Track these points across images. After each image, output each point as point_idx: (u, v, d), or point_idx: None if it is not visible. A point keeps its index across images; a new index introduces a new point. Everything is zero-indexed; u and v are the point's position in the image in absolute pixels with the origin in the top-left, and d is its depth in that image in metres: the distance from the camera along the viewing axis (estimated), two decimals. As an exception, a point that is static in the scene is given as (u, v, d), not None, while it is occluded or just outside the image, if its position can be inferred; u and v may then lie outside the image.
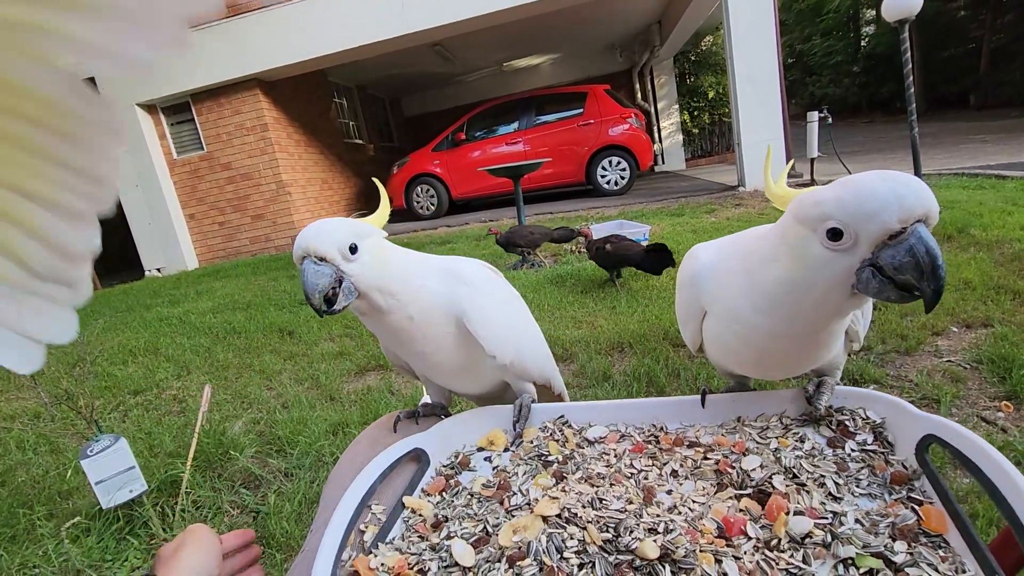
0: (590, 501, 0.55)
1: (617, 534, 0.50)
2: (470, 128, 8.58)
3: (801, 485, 0.55)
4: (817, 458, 0.59)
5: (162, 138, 7.89)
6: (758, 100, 6.35)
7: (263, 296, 4.78)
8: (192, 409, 2.66)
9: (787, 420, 0.68)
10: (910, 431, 0.58)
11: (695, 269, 0.72)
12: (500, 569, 0.48)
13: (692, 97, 12.63)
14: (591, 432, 0.72)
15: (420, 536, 0.57)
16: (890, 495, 0.53)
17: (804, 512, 0.51)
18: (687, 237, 4.56)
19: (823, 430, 0.65)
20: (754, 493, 0.56)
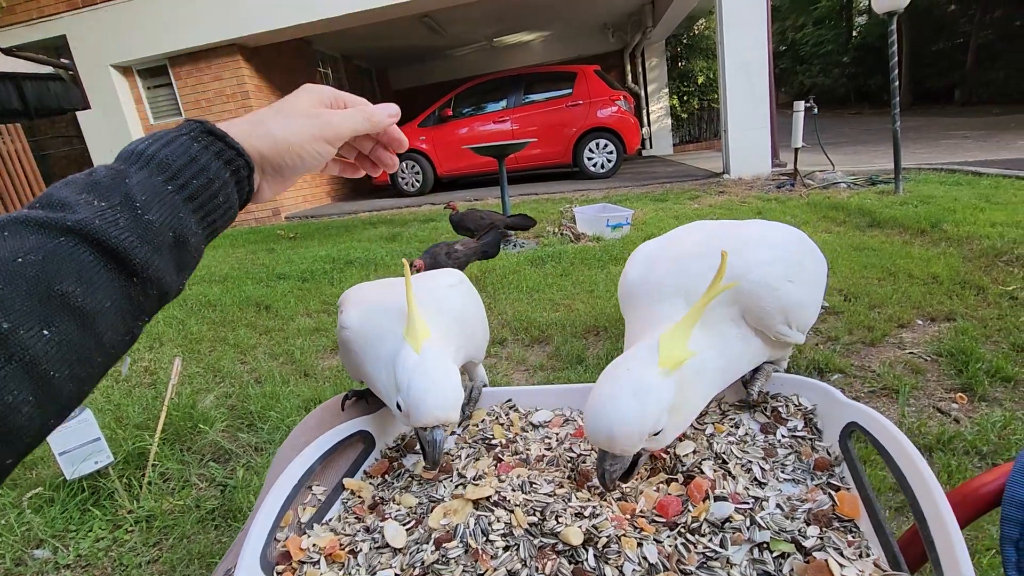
0: (520, 484, 0.56)
1: (543, 517, 0.51)
2: (457, 104, 8.45)
3: (728, 471, 0.57)
4: (748, 444, 0.61)
5: (138, 102, 7.65)
6: (747, 87, 6.35)
7: (240, 269, 4.71)
8: (163, 382, 2.64)
9: (725, 406, 0.70)
10: (837, 417, 0.60)
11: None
12: (427, 551, 0.49)
13: (683, 81, 12.56)
14: (536, 416, 0.73)
15: (357, 517, 0.57)
16: (812, 480, 0.55)
17: (728, 497, 0.53)
18: (669, 223, 4.58)
19: (759, 416, 0.66)
20: (683, 479, 0.57)
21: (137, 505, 1.79)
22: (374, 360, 0.67)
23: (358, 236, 5.71)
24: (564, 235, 4.66)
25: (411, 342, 0.61)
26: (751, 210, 4.86)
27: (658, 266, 0.69)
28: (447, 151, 8.30)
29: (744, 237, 0.68)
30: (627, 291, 0.72)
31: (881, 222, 3.95)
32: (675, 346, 0.56)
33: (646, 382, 0.54)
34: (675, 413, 0.56)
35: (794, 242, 0.69)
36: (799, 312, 0.64)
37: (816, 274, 0.71)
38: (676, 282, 0.64)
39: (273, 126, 0.45)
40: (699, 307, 0.56)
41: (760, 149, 6.55)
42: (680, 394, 0.56)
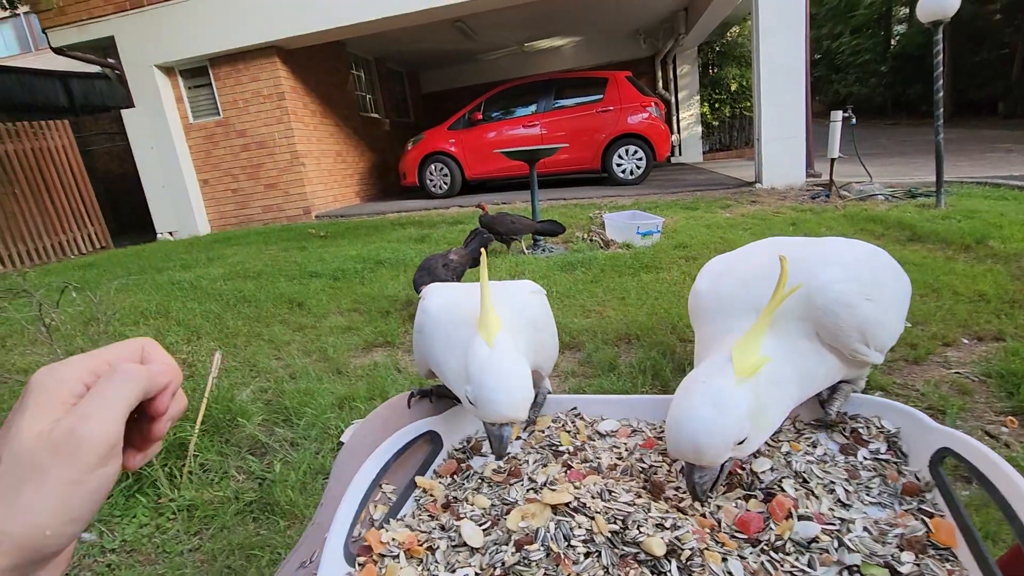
0: (599, 492, 0.56)
1: (625, 526, 0.51)
2: (487, 108, 8.50)
3: (811, 491, 0.56)
4: (828, 464, 0.60)
5: (179, 101, 7.88)
6: (781, 95, 6.24)
7: (274, 266, 4.81)
8: (201, 374, 2.70)
9: (800, 424, 0.68)
10: (925, 443, 0.58)
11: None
12: (507, 552, 0.49)
13: (714, 89, 12.42)
14: (603, 425, 0.73)
15: (430, 515, 0.58)
16: (900, 505, 0.54)
17: (812, 517, 0.52)
18: (700, 232, 4.53)
19: (836, 436, 0.65)
20: (763, 495, 0.56)
21: (178, 494, 1.83)
22: (445, 344, 0.68)
23: (387, 236, 5.78)
24: (594, 241, 4.65)
25: (483, 334, 0.62)
26: (785, 221, 4.77)
27: (728, 281, 0.68)
28: (475, 154, 8.34)
29: (819, 254, 0.68)
30: (696, 305, 0.71)
31: (922, 236, 3.84)
32: (748, 354, 0.56)
33: (724, 391, 0.54)
34: (756, 421, 0.56)
35: (872, 260, 0.68)
36: (877, 331, 0.63)
37: (896, 293, 0.69)
38: (747, 298, 0.63)
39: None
40: (766, 314, 0.56)
41: (794, 159, 6.43)
42: (758, 401, 0.56)
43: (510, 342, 0.62)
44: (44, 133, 7.04)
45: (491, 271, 3.91)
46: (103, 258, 6.57)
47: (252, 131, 7.81)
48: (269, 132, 7.76)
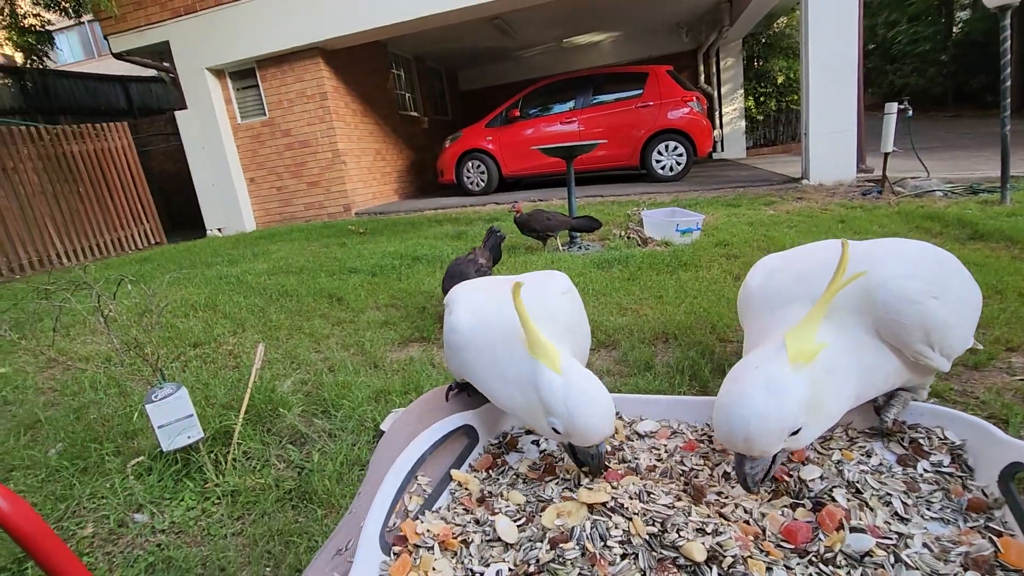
0: (637, 493, 0.54)
1: (664, 529, 0.49)
2: (525, 105, 8.48)
3: (864, 502, 0.52)
4: (884, 475, 0.56)
5: (228, 103, 8.18)
6: (831, 88, 5.98)
7: (315, 262, 4.93)
8: (246, 365, 2.80)
9: (853, 432, 0.65)
10: (994, 456, 0.54)
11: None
12: (542, 549, 0.49)
13: (759, 82, 12.02)
14: (642, 426, 0.71)
15: (465, 509, 0.58)
16: (965, 522, 0.50)
17: (866, 530, 0.49)
18: (742, 229, 4.39)
19: (893, 446, 0.61)
20: (812, 504, 0.54)
21: (223, 479, 1.90)
22: (493, 375, 0.65)
23: (424, 233, 5.84)
24: (631, 239, 4.57)
25: (545, 361, 0.60)
26: (833, 218, 4.57)
27: (782, 276, 0.66)
28: (513, 151, 8.34)
29: (881, 252, 0.64)
30: (747, 298, 0.69)
31: (985, 234, 3.61)
32: (803, 340, 0.53)
33: (779, 377, 0.51)
34: (813, 412, 0.52)
35: (938, 260, 0.64)
36: (944, 333, 0.59)
37: (966, 298, 0.65)
38: (801, 291, 0.60)
39: None
40: (824, 299, 0.53)
41: (844, 153, 6.16)
42: (814, 389, 0.52)
43: (573, 362, 0.61)
44: (105, 134, 7.43)
45: (527, 269, 3.89)
46: (157, 253, 6.90)
47: (296, 130, 8.03)
48: (312, 131, 7.97)
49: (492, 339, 0.66)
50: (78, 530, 1.74)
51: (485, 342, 0.67)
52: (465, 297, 0.75)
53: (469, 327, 0.69)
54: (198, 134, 8.13)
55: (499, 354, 0.65)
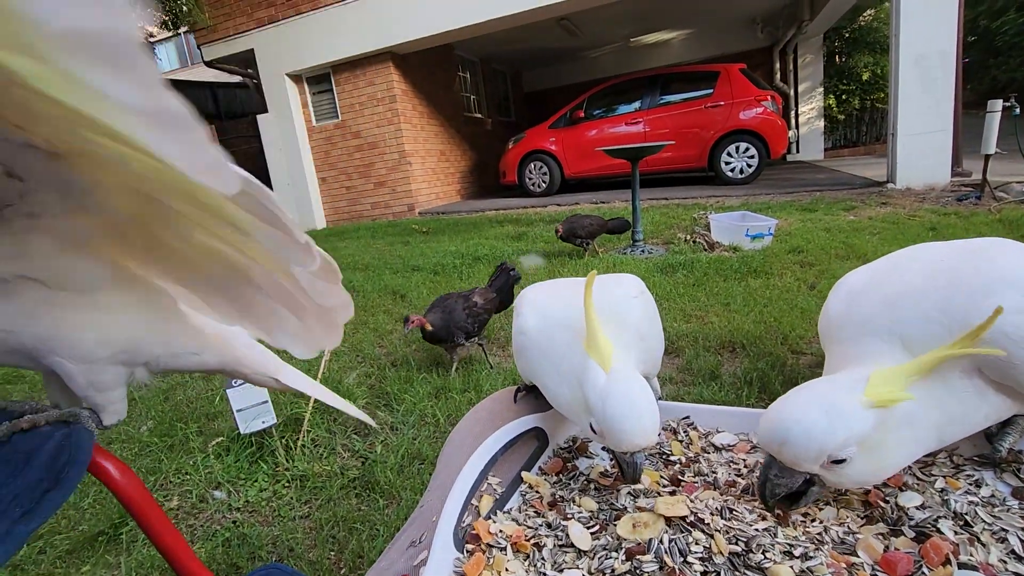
0: (719, 509, 0.52)
1: (748, 549, 0.47)
2: (590, 106, 8.40)
3: (976, 536, 0.48)
4: (998, 508, 0.51)
5: (304, 106, 8.62)
6: (924, 84, 5.54)
7: (380, 259, 5.11)
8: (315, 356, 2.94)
9: (958, 458, 0.59)
10: None
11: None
12: (617, 559, 0.48)
13: (841, 79, 11.31)
14: (718, 438, 0.68)
15: (536, 512, 0.58)
16: (1096, 566, 0.45)
17: (977, 567, 0.44)
18: (819, 235, 4.15)
19: (1008, 477, 0.55)
20: (913, 534, 0.49)
21: (292, 464, 2.00)
22: (552, 372, 0.65)
23: (485, 233, 5.92)
24: (696, 243, 4.43)
25: (596, 358, 0.59)
26: (923, 225, 4.23)
27: (868, 300, 0.60)
28: (576, 152, 8.29)
29: (989, 272, 0.56)
30: (827, 325, 0.65)
31: (1107, 247, 3.23)
32: (889, 384, 0.50)
33: (840, 403, 0.51)
34: (868, 453, 0.50)
35: None
36: None
37: None
38: (889, 321, 0.56)
39: None
40: (932, 359, 0.50)
41: (937, 155, 5.68)
42: (880, 434, 0.50)
43: (626, 363, 0.59)
44: (195, 136, 8.02)
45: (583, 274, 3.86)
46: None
47: (366, 132, 8.35)
48: (380, 133, 8.26)
49: (555, 337, 0.66)
50: (165, 502, 1.89)
51: (549, 342, 0.67)
52: (532, 298, 0.75)
53: (536, 329, 0.70)
54: (276, 136, 8.62)
55: (559, 351, 0.65)
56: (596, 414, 0.57)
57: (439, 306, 2.44)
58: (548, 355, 0.67)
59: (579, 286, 0.68)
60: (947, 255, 0.63)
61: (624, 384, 0.57)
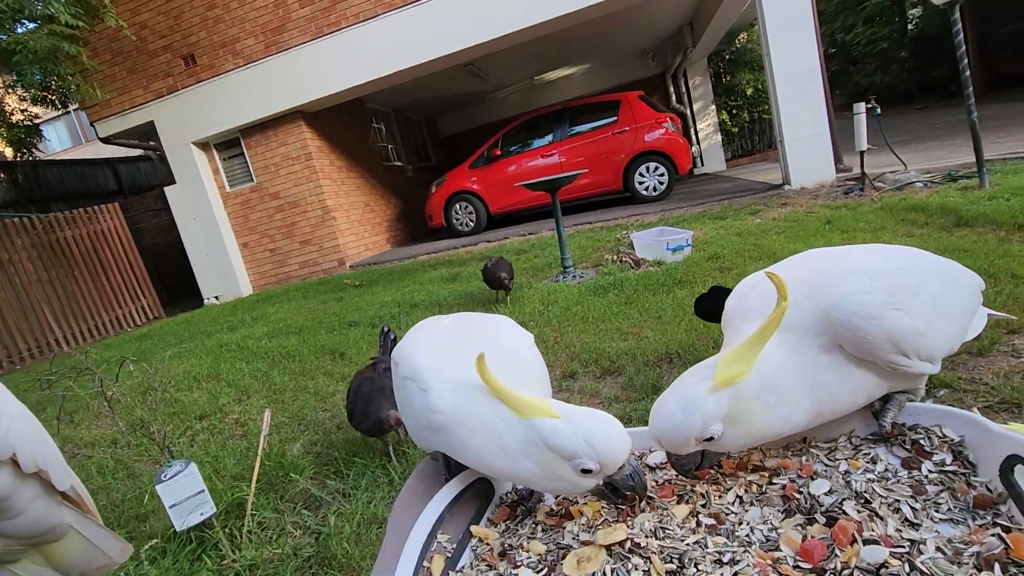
0: (652, 530, 0.54)
1: (682, 564, 0.50)
2: (504, 143, 8.68)
3: (874, 511, 0.53)
4: (891, 481, 0.57)
5: (215, 173, 8.34)
6: (799, 95, 6.17)
7: (314, 319, 4.95)
8: (253, 432, 2.78)
9: (856, 439, 0.66)
10: (993, 450, 0.55)
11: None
12: (567, 599, 0.49)
13: (729, 96, 12.37)
14: (652, 458, 0.71)
15: (488, 565, 0.58)
16: (974, 520, 0.51)
17: (879, 540, 0.49)
18: (732, 241, 4.45)
19: (897, 450, 0.62)
20: (825, 520, 0.54)
21: (239, 554, 1.86)
22: (499, 452, 0.62)
23: (420, 279, 5.89)
24: (623, 262, 4.62)
25: (539, 414, 0.61)
26: (819, 220, 4.64)
27: (752, 295, 0.69)
28: (498, 189, 8.49)
29: (841, 266, 0.67)
30: (725, 316, 0.73)
31: (969, 220, 3.67)
32: (732, 364, 0.60)
33: (691, 396, 0.61)
34: (736, 423, 0.60)
35: (907, 266, 0.66)
36: (915, 341, 0.61)
37: (943, 297, 0.66)
38: (764, 306, 0.64)
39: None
40: (760, 332, 0.59)
41: (821, 156, 6.30)
42: (740, 405, 0.60)
43: (558, 402, 0.63)
44: (98, 217, 7.55)
45: (526, 307, 3.92)
46: (157, 328, 6.90)
47: (284, 192, 8.18)
48: (300, 191, 8.11)
49: (483, 415, 0.63)
50: (96, 625, 1.70)
51: (476, 418, 0.63)
52: (431, 368, 0.69)
53: (453, 406, 0.65)
54: (188, 206, 8.26)
55: (492, 425, 0.62)
56: (585, 452, 0.59)
57: (361, 393, 2.10)
58: (483, 434, 0.63)
59: (463, 334, 0.70)
60: (823, 255, 0.73)
61: (582, 415, 0.61)
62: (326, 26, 7.24)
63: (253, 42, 7.54)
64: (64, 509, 0.71)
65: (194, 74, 7.78)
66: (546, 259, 5.32)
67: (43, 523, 0.68)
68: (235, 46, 7.61)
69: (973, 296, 0.70)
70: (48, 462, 0.69)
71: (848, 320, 0.60)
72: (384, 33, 7.07)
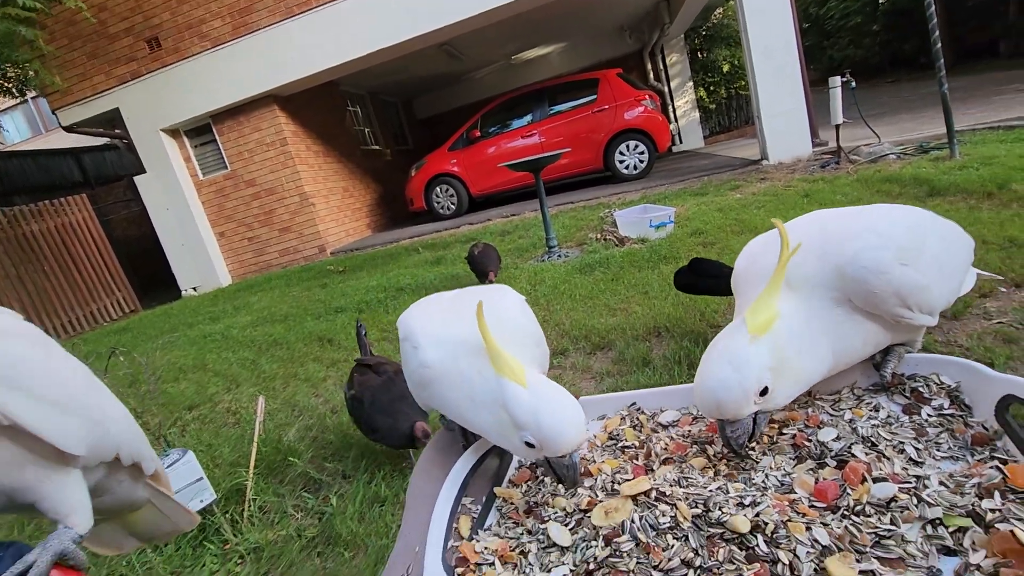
0: (676, 480, 0.57)
1: (707, 508, 0.52)
2: (484, 124, 8.60)
3: (881, 453, 0.57)
4: (894, 426, 0.61)
5: (187, 160, 8.12)
6: (776, 71, 6.22)
7: (298, 307, 4.90)
8: (246, 420, 2.77)
9: (859, 390, 0.70)
10: (987, 392, 0.59)
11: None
12: (597, 547, 0.52)
13: (707, 72, 12.40)
14: (663, 417, 0.74)
15: (515, 522, 0.60)
16: (972, 456, 0.55)
17: (887, 478, 0.53)
18: (713, 216, 4.51)
19: (897, 398, 0.66)
20: (836, 463, 0.58)
21: (242, 538, 1.87)
22: (466, 402, 0.66)
23: (404, 263, 5.86)
24: (607, 240, 4.65)
25: (511, 377, 0.62)
26: (798, 193, 4.73)
27: (763, 259, 0.71)
28: (479, 171, 8.43)
29: (852, 226, 0.70)
30: (735, 280, 0.75)
31: (941, 190, 3.78)
32: (759, 314, 0.62)
33: (737, 350, 0.61)
34: (780, 374, 0.61)
35: (912, 224, 0.69)
36: (920, 295, 0.64)
37: (943, 254, 0.70)
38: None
39: None
40: (775, 278, 0.61)
41: (798, 131, 6.38)
42: (778, 355, 0.61)
43: (539, 375, 0.64)
44: (65, 209, 7.31)
45: (514, 282, 3.93)
46: (134, 321, 6.76)
47: (260, 179, 8.00)
48: (276, 178, 7.95)
49: (463, 367, 0.67)
50: (102, 614, 1.70)
51: (457, 373, 0.68)
52: (424, 328, 0.74)
53: (439, 361, 0.69)
54: (160, 196, 8.04)
55: (470, 379, 0.66)
56: (531, 427, 0.60)
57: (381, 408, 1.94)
58: (459, 386, 0.67)
59: (461, 303, 0.71)
60: (834, 216, 0.76)
61: (547, 392, 0.61)
62: (296, 5, 7.03)
63: (220, 24, 7.29)
64: (145, 487, 0.81)
65: (159, 58, 7.51)
66: (530, 240, 5.33)
67: (126, 500, 0.78)
68: (201, 28, 7.35)
69: (968, 254, 0.74)
70: (142, 454, 0.76)
71: (860, 275, 0.63)
72: (357, 12, 6.90)
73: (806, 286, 0.63)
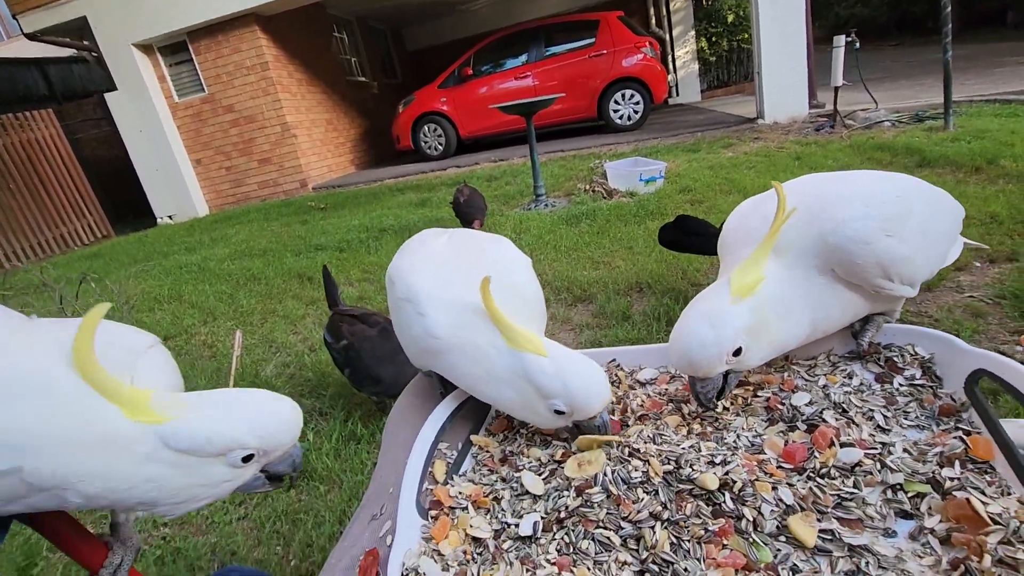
0: (651, 436, 0.58)
1: (678, 465, 0.54)
2: (476, 62, 8.24)
3: (851, 419, 0.58)
4: (865, 393, 0.62)
5: (162, 80, 7.68)
6: (781, 24, 6.01)
7: (278, 242, 4.81)
8: (223, 354, 2.76)
9: (834, 357, 0.71)
10: (959, 365, 0.60)
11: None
12: (569, 496, 0.53)
13: (710, 22, 11.94)
14: (642, 374, 0.75)
15: (490, 470, 0.61)
16: (938, 426, 0.56)
17: (854, 444, 0.54)
18: (704, 174, 4.47)
19: (871, 366, 0.67)
20: (806, 427, 0.59)
21: (218, 468, 1.90)
22: (486, 379, 0.64)
23: (387, 203, 5.74)
24: (596, 192, 4.60)
25: (529, 348, 0.61)
26: (789, 156, 4.69)
27: (753, 218, 0.70)
28: (469, 112, 8.15)
29: (839, 191, 0.69)
30: (722, 240, 0.74)
31: (931, 161, 3.78)
32: (745, 276, 0.62)
33: (717, 311, 0.61)
34: (757, 336, 0.61)
35: (899, 193, 0.68)
36: (901, 265, 0.64)
37: (931, 225, 0.70)
38: (764, 229, 0.65)
39: None
40: (766, 242, 0.61)
41: (796, 90, 6.25)
42: (757, 318, 0.61)
43: (553, 342, 0.63)
44: (30, 124, 6.93)
45: (501, 231, 3.89)
46: (107, 247, 6.58)
47: (239, 105, 7.64)
48: (256, 105, 7.59)
49: (479, 342, 0.64)
50: (78, 533, 1.73)
51: (471, 343, 0.64)
52: (429, 292, 0.68)
53: (451, 332, 0.66)
54: (133, 117, 7.64)
55: (485, 354, 0.64)
56: (561, 395, 0.60)
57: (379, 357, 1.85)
58: (474, 362, 0.65)
59: (459, 255, 0.68)
60: (822, 180, 0.74)
61: (569, 358, 0.61)
62: (280, -85, 6.50)
63: (196, -71, 6.72)
64: None
65: (130, -37, 6.94)
66: (518, 187, 5.25)
67: None
68: (176, -68, 6.77)
69: (955, 224, 0.74)
70: None
71: (842, 244, 0.62)
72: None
73: (790, 252, 0.62)
